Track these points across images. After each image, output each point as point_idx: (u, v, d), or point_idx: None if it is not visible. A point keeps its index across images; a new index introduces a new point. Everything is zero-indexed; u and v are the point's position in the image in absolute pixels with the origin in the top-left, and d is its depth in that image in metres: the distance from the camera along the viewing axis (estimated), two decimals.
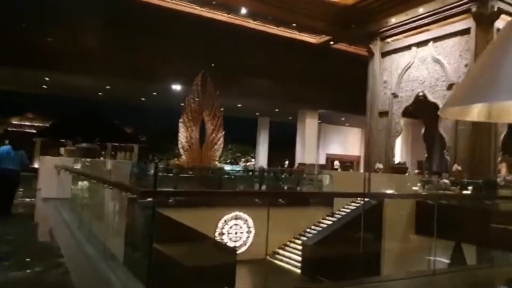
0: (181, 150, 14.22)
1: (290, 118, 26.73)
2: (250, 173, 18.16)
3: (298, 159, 23.09)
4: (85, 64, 17.02)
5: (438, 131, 18.70)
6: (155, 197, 3.13)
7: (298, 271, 10.90)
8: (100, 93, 22.27)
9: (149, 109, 33.87)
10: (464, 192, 10.83)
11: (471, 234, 10.14)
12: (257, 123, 27.73)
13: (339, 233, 10.70)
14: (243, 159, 29.02)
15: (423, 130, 19.15)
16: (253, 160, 29.17)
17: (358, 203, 12.76)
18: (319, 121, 24.90)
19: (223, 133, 14.64)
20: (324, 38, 19.89)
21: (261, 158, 26.96)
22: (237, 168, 21.85)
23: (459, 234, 10.18)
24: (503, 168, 19.28)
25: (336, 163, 29.21)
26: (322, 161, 27.37)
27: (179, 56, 18.31)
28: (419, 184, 11.80)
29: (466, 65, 14.52)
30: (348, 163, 16.76)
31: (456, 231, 10.75)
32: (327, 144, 28.40)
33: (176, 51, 18.32)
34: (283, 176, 17.19)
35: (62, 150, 22.45)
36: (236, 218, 11.49)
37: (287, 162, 32.52)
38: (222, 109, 14.55)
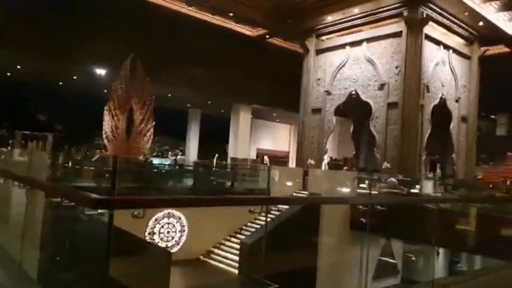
0: (105, 141, 12.85)
1: (223, 111, 26.08)
2: (178, 167, 17.25)
3: (231, 154, 22.56)
4: None
5: (366, 129, 19.44)
6: (112, 208, 2.09)
7: (235, 271, 10.37)
8: (8, 73, 19.54)
9: (67, 95, 30.92)
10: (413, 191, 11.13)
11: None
12: (188, 115, 26.61)
13: (279, 230, 10.34)
14: (170, 153, 27.70)
15: (351, 128, 19.68)
16: (181, 154, 28.00)
17: None
18: (251, 116, 24.60)
19: (153, 123, 13.53)
20: (261, 31, 19.52)
21: (191, 151, 25.94)
22: (166, 162, 20.69)
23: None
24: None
25: (266, 158, 29.32)
26: (253, 156, 27.18)
27: (106, 37, 16.61)
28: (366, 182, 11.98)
29: (397, 67, 15.09)
30: (283, 158, 16.57)
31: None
32: (258, 139, 28.25)
33: (103, 31, 16.57)
34: (216, 171, 16.55)
35: None
36: (169, 216, 10.60)
37: (216, 155, 31.87)
38: (153, 96, 13.41)
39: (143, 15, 16.91)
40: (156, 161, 20.04)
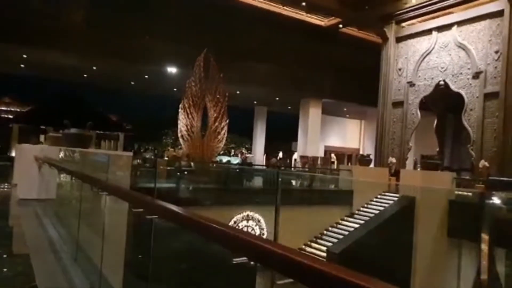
0: (180, 140, 12.52)
1: (290, 107, 25.22)
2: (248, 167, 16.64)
3: (300, 151, 21.64)
4: (68, 41, 15.06)
5: (451, 124, 17.53)
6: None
7: None
8: (85, 75, 20.22)
9: (136, 95, 31.93)
10: None
11: None
12: (254, 113, 26.08)
13: (369, 238, 9.28)
14: (239, 151, 27.39)
15: (435, 123, 17.85)
16: (248, 152, 27.58)
17: (382, 201, 11.42)
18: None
19: (227, 121, 12.99)
20: (333, 20, 18.32)
21: (258, 149, 25.39)
22: (234, 160, 20.26)
23: None
24: None
25: (333, 155, 28.00)
26: (321, 153, 26.03)
27: (173, 36, 16.50)
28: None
29: (496, 51, 13.20)
30: (368, 157, 15.33)
31: None
32: (326, 136, 26.99)
33: (170, 31, 16.48)
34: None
35: (42, 137, 20.50)
36: (248, 218, 9.95)
37: (280, 154, 31.10)
38: (226, 93, 12.87)
39: (209, 11, 16.55)
40: (224, 159, 19.69)
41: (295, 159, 25.73)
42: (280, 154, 31.03)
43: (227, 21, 17.20)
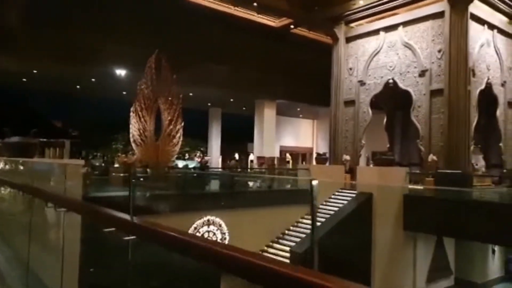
0: (133, 145, 11.94)
1: (244, 108, 25.11)
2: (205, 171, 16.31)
3: (257, 152, 21.58)
4: (4, 41, 13.90)
5: (400, 121, 18.24)
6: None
7: None
8: (24, 79, 18.83)
9: (81, 99, 30.36)
10: None
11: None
12: (208, 115, 25.70)
13: (330, 235, 9.33)
14: (193, 154, 26.84)
15: (385, 120, 18.51)
16: (203, 155, 27.12)
17: (340, 198, 11.57)
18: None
19: (182, 124, 12.59)
20: (285, 21, 18.46)
21: (214, 151, 25.05)
22: (191, 164, 19.78)
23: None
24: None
25: (288, 155, 28.28)
26: (276, 153, 26.17)
27: (122, 35, 15.76)
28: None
29: (439, 50, 13.90)
30: (324, 155, 15.50)
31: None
32: (280, 136, 27.20)
33: (119, 30, 15.74)
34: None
35: None
36: (209, 223, 9.67)
37: (236, 156, 30.89)
38: (180, 95, 12.47)
39: (161, 10, 16.03)
40: (180, 164, 19.17)
41: (251, 160, 25.68)
42: (236, 156, 30.85)
43: (178, 22, 16.74)
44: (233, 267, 1.19)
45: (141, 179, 9.07)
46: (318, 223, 10.61)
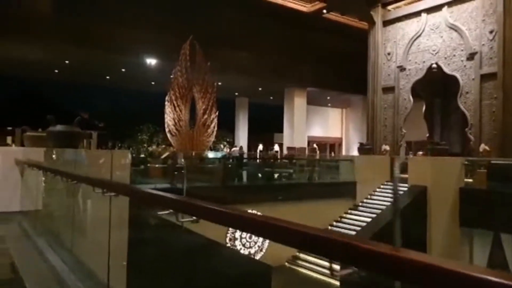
0: (168, 135, 11.51)
1: (272, 98, 24.46)
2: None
3: (287, 143, 20.94)
4: (36, 33, 13.62)
5: (439, 109, 17.24)
6: None
7: (331, 280, 8.80)
8: (56, 71, 18.64)
9: (107, 90, 30.31)
10: None
11: None
12: (235, 105, 25.14)
13: (382, 233, 8.66)
14: (221, 145, 26.37)
15: (423, 108, 17.54)
16: (229, 145, 26.61)
17: (386, 191, 10.87)
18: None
19: (217, 113, 12.08)
20: (317, 5, 17.61)
21: (241, 142, 24.51)
22: (218, 155, 19.26)
23: None
24: None
25: (315, 146, 27.50)
26: (304, 144, 25.46)
27: (148, 24, 15.27)
28: None
29: (491, 31, 12.87)
30: (367, 145, 14.76)
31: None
32: (308, 126, 26.43)
33: (145, 18, 15.24)
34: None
35: (10, 139, 18.84)
36: None
37: (260, 146, 30.28)
38: (215, 83, 11.93)
39: None
40: (210, 154, 18.69)
41: (276, 151, 25.01)
42: (260, 147, 30.25)
43: (207, 9, 16.14)
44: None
45: (182, 170, 8.59)
46: (362, 218, 9.97)
